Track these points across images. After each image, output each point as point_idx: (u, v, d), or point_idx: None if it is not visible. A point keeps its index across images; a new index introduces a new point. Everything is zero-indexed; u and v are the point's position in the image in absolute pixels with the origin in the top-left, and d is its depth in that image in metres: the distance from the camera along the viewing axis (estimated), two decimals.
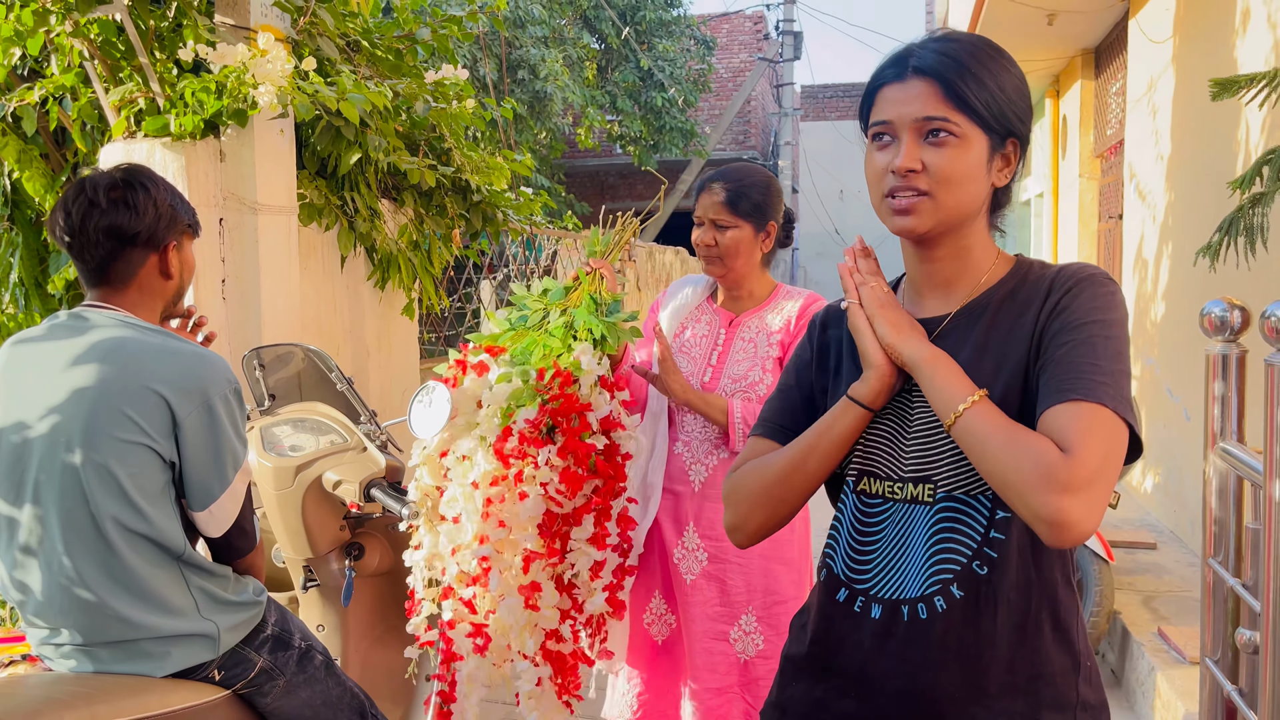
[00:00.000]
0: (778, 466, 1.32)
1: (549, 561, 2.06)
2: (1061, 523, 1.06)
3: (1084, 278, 1.22)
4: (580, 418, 2.06)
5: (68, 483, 1.70)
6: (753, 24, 18.34)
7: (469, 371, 2.18)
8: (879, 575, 1.27)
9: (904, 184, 1.22)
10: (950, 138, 1.20)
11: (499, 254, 6.48)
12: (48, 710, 1.57)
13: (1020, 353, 1.21)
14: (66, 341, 1.77)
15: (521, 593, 2.04)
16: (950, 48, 1.23)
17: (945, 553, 1.22)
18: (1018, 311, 1.24)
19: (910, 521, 1.25)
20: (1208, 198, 4.68)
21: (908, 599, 1.23)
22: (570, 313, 2.22)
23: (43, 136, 3.26)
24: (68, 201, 1.80)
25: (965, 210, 1.24)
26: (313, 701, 1.99)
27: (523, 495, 1.99)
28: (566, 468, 2.02)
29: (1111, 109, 7.64)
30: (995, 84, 1.22)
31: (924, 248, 1.29)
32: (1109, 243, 7.75)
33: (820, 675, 1.32)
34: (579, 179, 17.37)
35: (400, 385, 4.10)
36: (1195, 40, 5.13)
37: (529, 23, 10.56)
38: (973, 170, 1.22)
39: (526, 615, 2.04)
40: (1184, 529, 5.10)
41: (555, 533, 2.06)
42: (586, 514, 2.07)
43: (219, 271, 3.11)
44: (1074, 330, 1.17)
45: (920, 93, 1.21)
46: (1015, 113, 1.24)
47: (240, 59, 2.84)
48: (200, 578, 1.81)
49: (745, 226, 2.30)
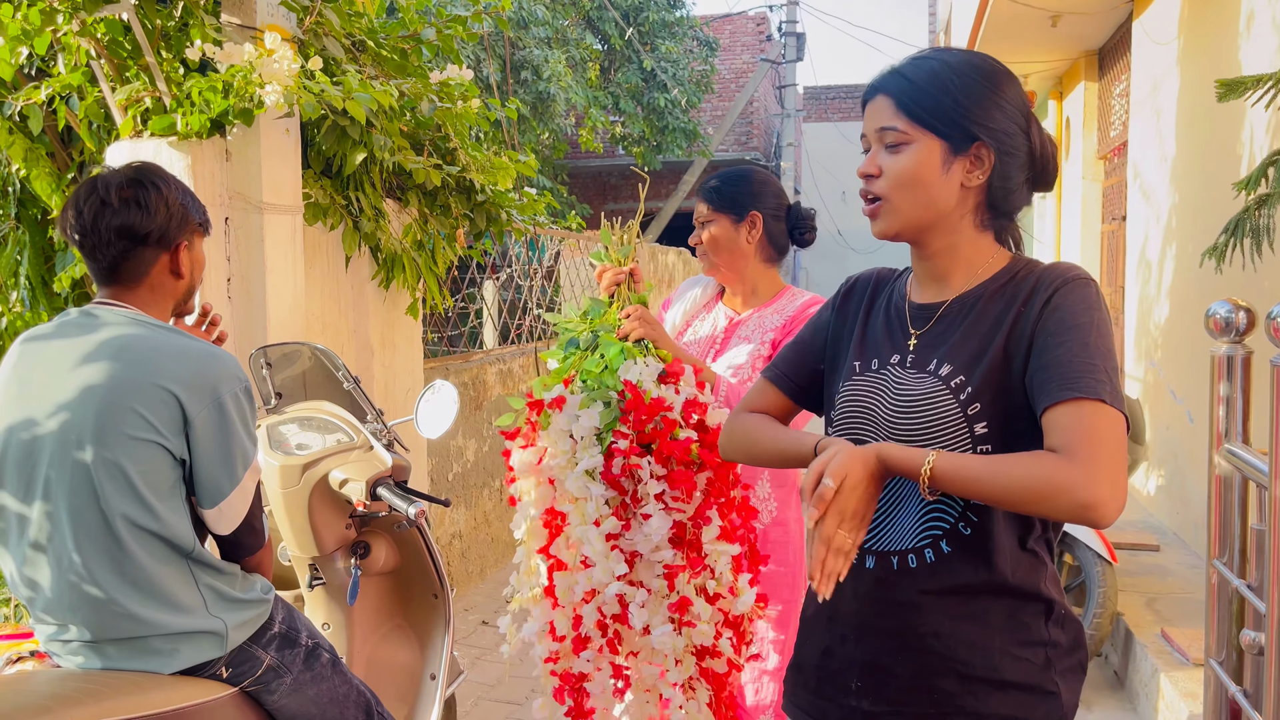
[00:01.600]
0: (760, 448, 1.52)
1: (693, 572, 1.92)
2: (1095, 517, 1.18)
3: (1072, 278, 1.32)
4: (662, 418, 1.94)
5: (78, 480, 1.70)
6: (755, 25, 18.35)
7: (549, 409, 2.00)
8: (875, 530, 1.40)
9: (865, 188, 1.39)
10: (903, 145, 1.36)
11: (502, 254, 6.48)
12: (56, 707, 1.57)
13: (988, 338, 1.33)
14: (77, 339, 1.77)
15: (671, 611, 1.90)
16: (906, 66, 1.39)
17: (935, 514, 1.35)
18: (1005, 304, 1.35)
19: (905, 482, 1.37)
20: (1212, 199, 4.68)
21: (899, 550, 1.37)
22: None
23: (49, 135, 3.27)
24: (79, 200, 1.80)
25: (930, 211, 1.37)
26: (319, 699, 1.99)
27: (645, 515, 1.89)
28: (671, 471, 1.92)
29: (1115, 110, 7.64)
30: (947, 92, 1.35)
31: (915, 246, 1.43)
32: (1113, 244, 7.74)
33: (828, 625, 1.45)
34: (581, 180, 17.38)
35: (404, 385, 4.10)
36: (1199, 41, 5.13)
37: (532, 23, 10.56)
38: (924, 172, 1.35)
39: (681, 638, 1.91)
40: (1187, 531, 5.09)
41: (687, 540, 1.94)
42: (708, 510, 1.95)
43: (224, 270, 3.12)
44: (1069, 330, 1.27)
45: (879, 107, 1.38)
46: (974, 117, 1.34)
47: (246, 58, 2.85)
48: (209, 575, 1.82)
49: (723, 219, 2.33)
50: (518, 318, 6.45)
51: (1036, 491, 1.19)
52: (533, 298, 6.62)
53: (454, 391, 2.49)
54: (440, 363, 5.11)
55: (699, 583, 1.94)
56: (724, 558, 1.96)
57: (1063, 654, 1.36)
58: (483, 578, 5.34)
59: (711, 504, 1.97)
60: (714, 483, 1.98)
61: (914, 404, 1.36)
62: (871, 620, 1.39)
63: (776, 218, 2.36)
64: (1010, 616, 1.34)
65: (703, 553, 1.94)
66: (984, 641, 1.33)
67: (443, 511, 4.85)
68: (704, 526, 1.94)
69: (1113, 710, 3.71)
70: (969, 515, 1.34)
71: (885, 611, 1.38)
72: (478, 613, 4.76)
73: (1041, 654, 1.34)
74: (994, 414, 1.31)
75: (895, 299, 1.50)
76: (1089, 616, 3.74)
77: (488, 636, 4.44)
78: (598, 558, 1.91)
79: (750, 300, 2.39)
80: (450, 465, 5.03)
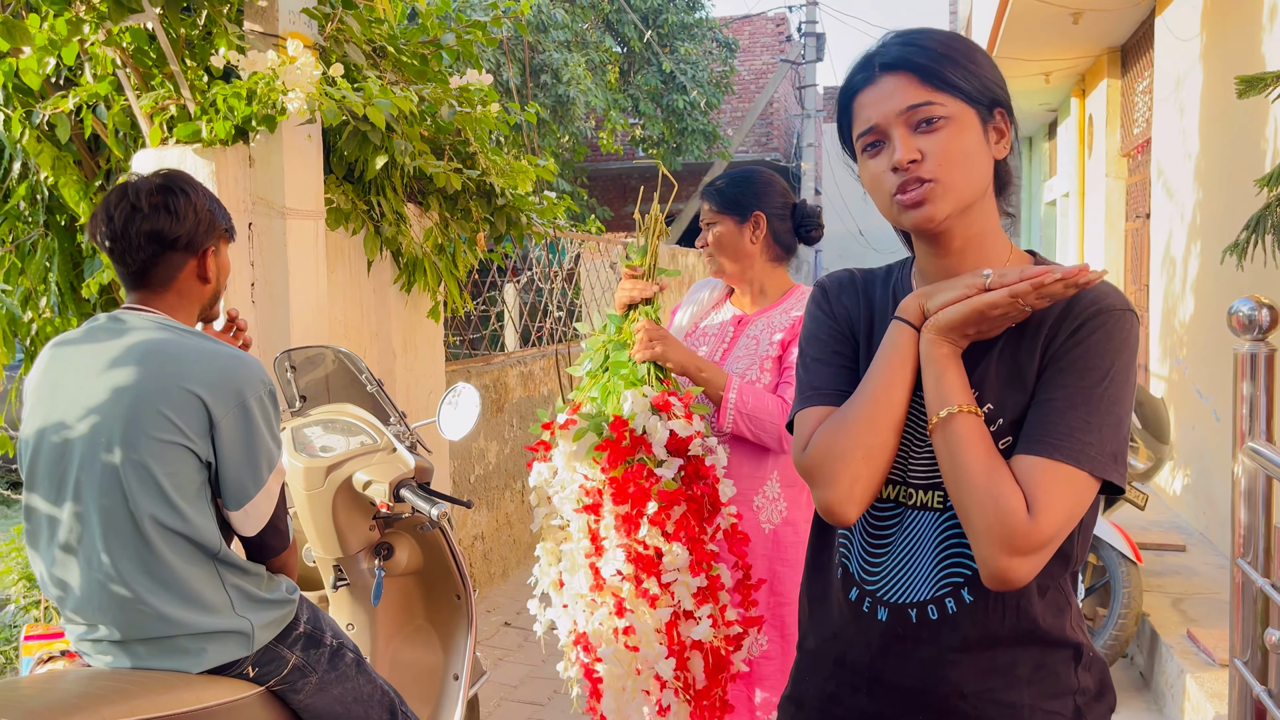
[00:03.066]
0: (862, 412, 1.24)
1: (650, 600, 2.03)
2: (1005, 580, 1.13)
3: (1106, 308, 1.18)
4: (643, 448, 2.03)
5: (108, 482, 1.73)
6: (775, 26, 18.31)
7: (559, 431, 2.13)
8: (887, 579, 1.28)
9: (910, 176, 1.20)
10: (940, 120, 1.19)
11: (523, 257, 6.51)
12: (86, 705, 1.60)
13: (1020, 364, 1.21)
14: (106, 344, 1.80)
15: (618, 635, 2.04)
16: (911, 36, 1.24)
17: (954, 557, 1.24)
18: (1035, 321, 1.21)
19: (919, 527, 1.26)
20: (1236, 195, 4.64)
21: (917, 601, 1.25)
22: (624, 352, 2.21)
23: (77, 144, 3.32)
24: (110, 206, 1.83)
25: (975, 189, 1.22)
26: (344, 698, 2.01)
27: (600, 550, 2.09)
28: (629, 511, 2.02)
29: (1138, 107, 7.58)
30: (965, 58, 1.21)
31: (937, 243, 1.26)
32: (1136, 242, 7.68)
33: (833, 669, 1.34)
34: (601, 182, 17.40)
35: (426, 387, 4.13)
36: (1222, 37, 5.09)
37: (551, 27, 10.60)
38: (970, 147, 1.21)
39: (632, 659, 2.05)
40: (1214, 530, 5.05)
41: (652, 571, 2.03)
42: (673, 541, 2.02)
43: (248, 275, 3.16)
44: (1080, 374, 1.16)
45: (896, 86, 1.21)
46: (993, 81, 1.23)
47: (269, 65, 2.88)
48: (235, 576, 1.84)
49: (727, 220, 2.34)
50: (538, 320, 6.48)
51: (965, 513, 1.14)
52: (553, 300, 6.65)
53: (476, 394, 2.51)
54: (461, 365, 5.14)
55: (656, 617, 2.03)
56: (684, 589, 2.02)
57: (1091, 700, 1.27)
58: (505, 579, 5.36)
59: (677, 536, 2.02)
60: (685, 517, 2.04)
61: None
62: (885, 675, 1.28)
63: (781, 217, 2.37)
64: (1039, 666, 1.24)
65: (664, 583, 2.02)
66: (1012, 697, 1.22)
67: (465, 513, 4.88)
68: (662, 556, 2.02)
69: (1138, 711, 3.68)
70: None
71: (901, 668, 1.26)
72: (500, 613, 4.78)
73: (1071, 704, 1.25)
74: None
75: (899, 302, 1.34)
76: (1114, 617, 3.72)
77: (510, 637, 4.46)
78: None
79: (759, 300, 2.39)
80: (472, 467, 5.06)
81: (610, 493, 2.03)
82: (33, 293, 3.40)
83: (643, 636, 2.02)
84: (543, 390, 5.94)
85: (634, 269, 2.31)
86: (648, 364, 2.17)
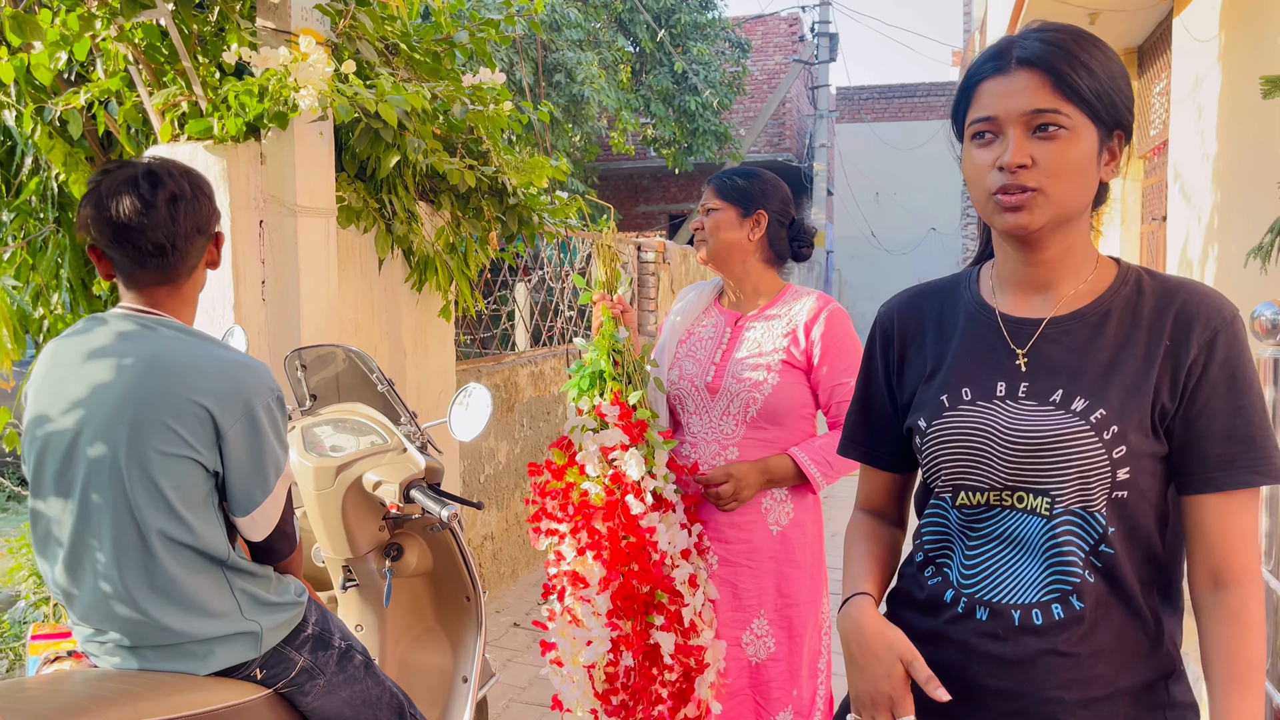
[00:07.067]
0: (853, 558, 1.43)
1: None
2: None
3: (1231, 318, 1.18)
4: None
5: (115, 495, 1.70)
6: (788, 26, 18.27)
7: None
8: (987, 580, 1.25)
9: (1014, 180, 1.17)
10: (1060, 130, 1.15)
11: (534, 256, 6.50)
12: (93, 707, 1.58)
13: (1136, 371, 1.19)
14: (112, 351, 1.75)
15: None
16: (1055, 36, 1.18)
17: (1063, 562, 1.20)
18: (1135, 325, 1.20)
19: (1024, 530, 1.23)
20: (1255, 198, 4.59)
21: (1020, 604, 1.22)
22: (594, 355, 2.32)
23: (89, 140, 3.31)
24: (140, 193, 1.74)
25: (1076, 206, 1.20)
26: (352, 701, 1.99)
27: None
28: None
29: (1155, 109, 7.52)
30: (1104, 71, 1.17)
31: (1029, 249, 1.24)
32: (1152, 245, 7.62)
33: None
34: (612, 182, 17.39)
35: (436, 387, 4.12)
36: (1241, 38, 5.03)
37: (565, 26, 10.58)
38: (1083, 164, 1.17)
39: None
40: None
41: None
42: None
43: (259, 273, 3.14)
44: (1244, 393, 1.16)
45: (1027, 84, 1.16)
46: (1123, 102, 1.19)
47: (281, 62, 2.86)
48: (243, 580, 1.82)
49: (729, 208, 2.34)
50: (549, 320, 6.46)
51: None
52: (564, 300, 6.63)
53: (488, 395, 2.49)
54: (472, 365, 5.12)
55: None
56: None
57: (1182, 716, 1.24)
58: (514, 580, 5.34)
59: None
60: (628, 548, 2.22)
61: (1043, 445, 1.19)
62: (980, 679, 1.24)
63: (780, 223, 2.38)
64: (1138, 679, 1.21)
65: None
66: (1110, 710, 1.20)
67: (474, 513, 4.86)
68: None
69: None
70: (1093, 562, 1.20)
71: (997, 671, 1.23)
72: (509, 615, 4.77)
73: (1163, 718, 1.22)
74: (1137, 457, 1.17)
75: (972, 311, 1.32)
76: None
77: (519, 638, 4.44)
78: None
79: (753, 300, 2.39)
80: (482, 467, 5.04)
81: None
82: (44, 289, 3.39)
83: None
84: (553, 390, 5.92)
85: (605, 296, 2.41)
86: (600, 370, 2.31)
